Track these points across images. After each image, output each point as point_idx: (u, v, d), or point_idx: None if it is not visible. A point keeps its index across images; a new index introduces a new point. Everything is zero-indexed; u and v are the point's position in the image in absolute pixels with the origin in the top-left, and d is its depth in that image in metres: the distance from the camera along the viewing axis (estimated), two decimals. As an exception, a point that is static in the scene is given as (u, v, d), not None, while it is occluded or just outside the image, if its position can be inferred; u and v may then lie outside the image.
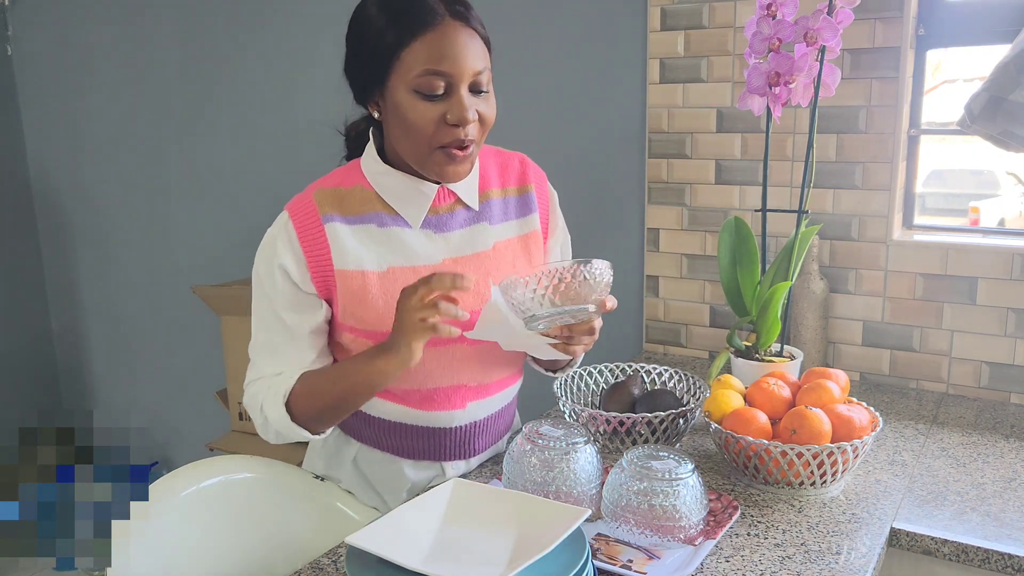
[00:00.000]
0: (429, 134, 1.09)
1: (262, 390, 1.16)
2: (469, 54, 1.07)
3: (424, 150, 1.11)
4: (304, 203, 1.16)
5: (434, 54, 1.06)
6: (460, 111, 1.07)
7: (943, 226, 1.72)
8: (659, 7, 1.77)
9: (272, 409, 1.14)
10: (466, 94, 1.08)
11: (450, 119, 1.08)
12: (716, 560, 1.01)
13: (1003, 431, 1.43)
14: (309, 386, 1.14)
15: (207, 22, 2.49)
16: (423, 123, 1.08)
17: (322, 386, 1.13)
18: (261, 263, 1.16)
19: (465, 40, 1.07)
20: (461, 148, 1.10)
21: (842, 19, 1.36)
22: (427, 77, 1.06)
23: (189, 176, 2.65)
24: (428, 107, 1.08)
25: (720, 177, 1.77)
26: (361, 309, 1.15)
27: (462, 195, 1.20)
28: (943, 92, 1.78)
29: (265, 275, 1.16)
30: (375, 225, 1.16)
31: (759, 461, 1.17)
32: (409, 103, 1.08)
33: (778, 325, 1.46)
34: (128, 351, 2.97)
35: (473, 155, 1.14)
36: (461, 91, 1.08)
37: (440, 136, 1.09)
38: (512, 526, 0.95)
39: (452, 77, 1.07)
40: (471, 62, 1.07)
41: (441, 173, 1.13)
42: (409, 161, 1.15)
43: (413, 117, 1.09)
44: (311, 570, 1.03)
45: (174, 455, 2.94)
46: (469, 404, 1.23)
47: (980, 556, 1.07)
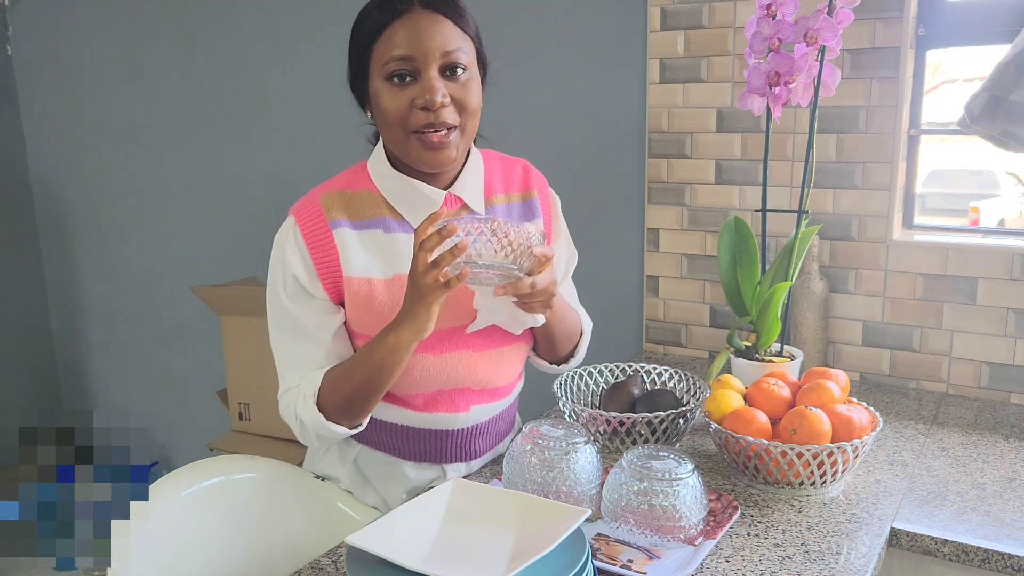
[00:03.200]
0: (402, 119, 1.10)
1: (294, 398, 1.17)
2: (435, 37, 1.09)
3: (401, 137, 1.12)
4: (311, 208, 1.15)
5: (399, 39, 1.08)
6: (426, 93, 1.08)
7: (943, 226, 1.72)
8: (659, 7, 1.77)
9: (305, 411, 1.14)
10: (435, 76, 1.09)
11: (418, 102, 1.09)
12: (716, 560, 1.01)
13: (1003, 431, 1.43)
14: (333, 380, 1.14)
15: (207, 22, 2.49)
16: (394, 108, 1.10)
17: (344, 376, 1.13)
18: (274, 270, 1.17)
19: (430, 24, 1.09)
20: (435, 133, 1.10)
21: (842, 19, 1.36)
22: (393, 63, 1.09)
23: (189, 176, 2.65)
24: (398, 92, 1.10)
25: (720, 177, 1.77)
26: (368, 316, 1.15)
27: (468, 201, 1.20)
28: (943, 92, 1.78)
29: (280, 285, 1.16)
30: (381, 231, 1.17)
31: (759, 461, 1.17)
32: (382, 91, 1.11)
33: (778, 325, 1.46)
34: (128, 351, 2.97)
35: (454, 142, 1.13)
36: (429, 73, 1.09)
37: (413, 121, 1.10)
38: (512, 526, 0.95)
39: (416, 60, 1.08)
40: (437, 43, 1.09)
41: (421, 160, 1.13)
42: (395, 152, 1.16)
43: (385, 104, 1.11)
44: (311, 570, 1.03)
45: (174, 455, 2.94)
46: (473, 408, 1.23)
47: (980, 556, 1.07)
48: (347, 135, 1.39)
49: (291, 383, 1.18)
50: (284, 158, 2.45)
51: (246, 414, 2.35)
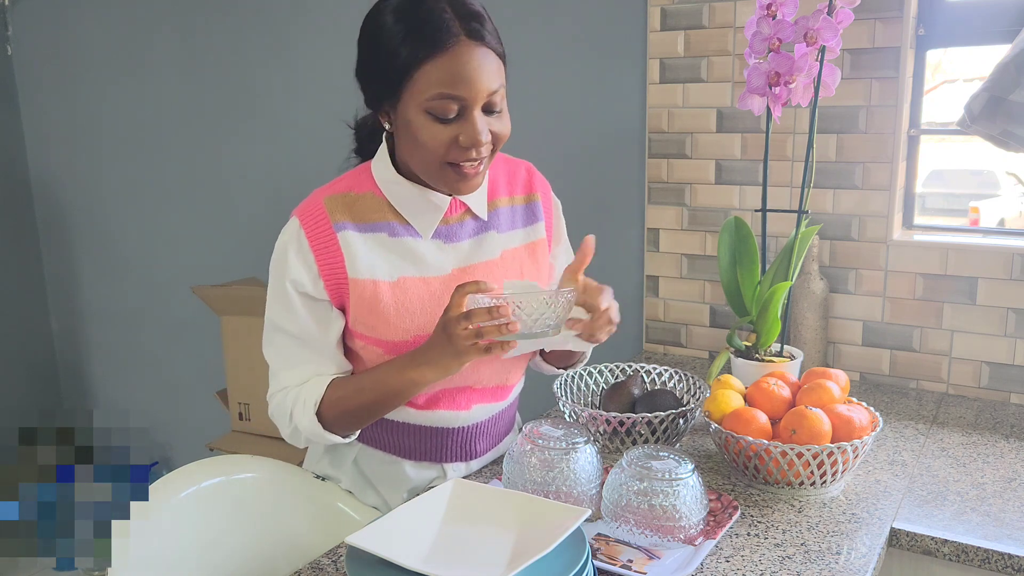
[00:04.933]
0: (441, 155, 1.08)
1: (289, 400, 1.16)
2: (483, 76, 1.05)
3: (435, 168, 1.10)
4: (315, 210, 1.14)
5: (447, 77, 1.03)
6: (473, 134, 1.06)
7: (943, 226, 1.72)
8: (659, 7, 1.77)
9: (303, 418, 1.14)
10: (479, 116, 1.06)
11: (463, 142, 1.06)
12: (716, 560, 1.01)
13: (1003, 431, 1.43)
14: (340, 394, 1.14)
15: (207, 22, 2.49)
16: (435, 144, 1.07)
17: (354, 394, 1.14)
18: (276, 273, 1.16)
19: (479, 61, 1.04)
20: (471, 164, 1.10)
21: (842, 19, 1.36)
22: (440, 101, 1.04)
23: (189, 176, 2.65)
24: (441, 129, 1.06)
25: (720, 177, 1.77)
26: (372, 318, 1.15)
27: (472, 205, 1.20)
28: (943, 92, 1.78)
29: (281, 285, 1.15)
30: (386, 234, 1.16)
31: (759, 461, 1.17)
32: (421, 123, 1.07)
33: (778, 325, 1.46)
34: (128, 351, 2.97)
35: (484, 169, 1.13)
36: (475, 114, 1.06)
37: (452, 156, 1.08)
38: (512, 526, 0.95)
39: (466, 100, 1.05)
40: (485, 83, 1.05)
41: (451, 187, 1.13)
42: (419, 174, 1.14)
43: (424, 138, 1.07)
44: (311, 570, 1.03)
45: (174, 455, 2.94)
46: (474, 406, 1.23)
47: (980, 556, 1.06)
48: (347, 135, 1.39)
49: (284, 383, 1.18)
50: (284, 158, 2.45)
51: (246, 414, 2.35)
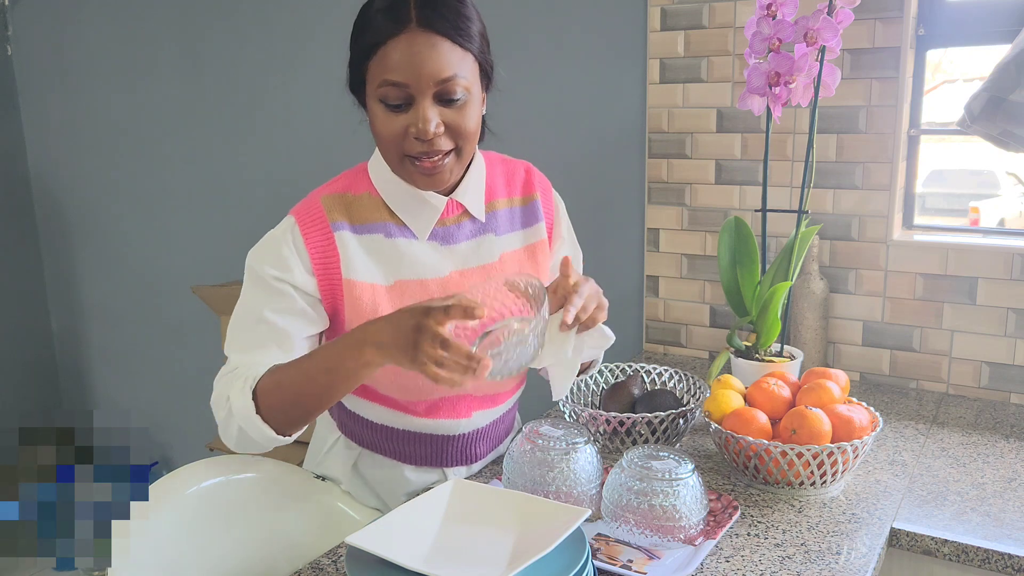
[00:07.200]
0: (396, 144, 1.08)
1: (232, 381, 1.07)
2: (429, 63, 1.03)
3: (395, 159, 1.10)
4: (312, 209, 1.13)
5: (391, 63, 1.03)
6: (419, 123, 1.05)
7: (943, 226, 1.72)
8: (659, 7, 1.77)
9: (238, 397, 1.04)
10: (429, 105, 1.05)
11: (412, 132, 1.06)
12: (716, 560, 1.01)
13: (1003, 431, 1.43)
14: (281, 374, 1.04)
15: (207, 22, 2.49)
16: (388, 134, 1.07)
17: (296, 375, 1.03)
18: (259, 264, 1.11)
19: (426, 49, 1.02)
20: (429, 159, 1.08)
21: (842, 19, 1.36)
22: (386, 88, 1.04)
23: (189, 176, 2.65)
24: (392, 118, 1.06)
25: (720, 177, 1.77)
26: None
27: (469, 206, 1.19)
28: (943, 92, 1.78)
29: (262, 277, 1.10)
30: (382, 236, 1.14)
31: (759, 461, 1.17)
32: (376, 112, 1.08)
33: (778, 325, 1.46)
34: (128, 351, 2.97)
35: (448, 166, 1.10)
36: (423, 102, 1.04)
37: (407, 147, 1.08)
38: (512, 526, 0.95)
39: (410, 87, 1.04)
40: (431, 71, 1.03)
41: (414, 182, 1.12)
42: (391, 169, 1.13)
43: (379, 127, 1.08)
44: (311, 570, 1.03)
45: (174, 455, 2.94)
46: (474, 413, 1.23)
47: (980, 556, 1.06)
48: (347, 136, 1.39)
49: (235, 364, 1.10)
50: (284, 158, 2.45)
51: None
